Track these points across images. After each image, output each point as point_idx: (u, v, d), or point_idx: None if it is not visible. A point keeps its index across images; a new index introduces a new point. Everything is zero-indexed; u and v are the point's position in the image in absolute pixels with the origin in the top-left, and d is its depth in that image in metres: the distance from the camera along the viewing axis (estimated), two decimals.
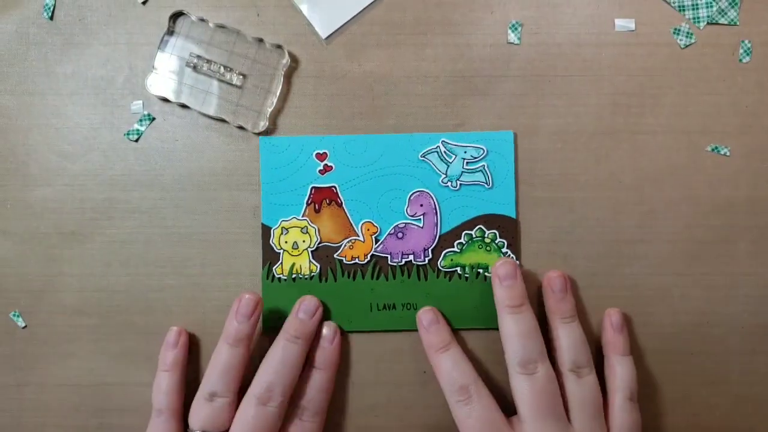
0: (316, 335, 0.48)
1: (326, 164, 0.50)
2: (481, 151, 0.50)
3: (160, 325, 0.50)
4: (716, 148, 0.50)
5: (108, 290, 0.50)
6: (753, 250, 0.50)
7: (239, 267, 0.50)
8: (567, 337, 0.46)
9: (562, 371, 0.46)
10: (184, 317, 0.50)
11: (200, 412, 0.45)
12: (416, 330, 0.49)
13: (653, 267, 0.50)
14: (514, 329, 0.45)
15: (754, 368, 0.50)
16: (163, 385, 0.47)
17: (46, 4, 0.51)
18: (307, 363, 0.48)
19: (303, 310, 0.48)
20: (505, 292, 0.46)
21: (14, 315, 0.50)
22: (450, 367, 0.46)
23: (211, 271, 0.50)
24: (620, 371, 0.47)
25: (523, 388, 0.44)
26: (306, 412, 0.47)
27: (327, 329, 0.49)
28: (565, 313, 0.47)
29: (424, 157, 0.50)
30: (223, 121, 0.50)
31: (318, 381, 0.47)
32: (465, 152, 0.50)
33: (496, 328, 0.47)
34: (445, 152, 0.49)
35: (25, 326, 0.50)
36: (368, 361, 0.50)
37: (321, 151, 0.50)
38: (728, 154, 0.50)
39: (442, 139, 0.50)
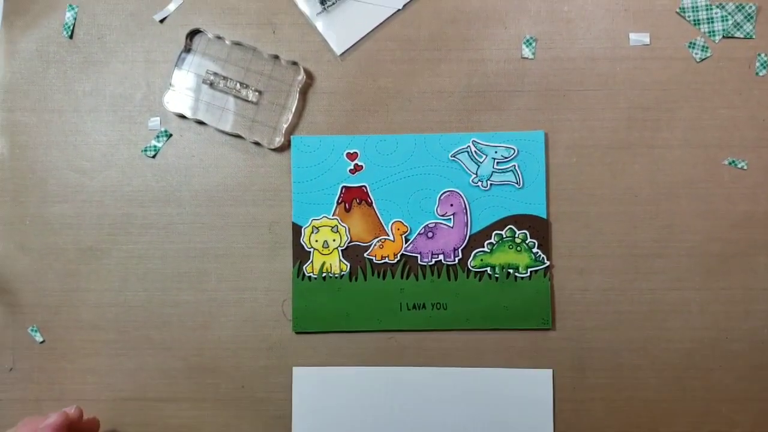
0: None
1: (357, 164, 0.50)
2: (512, 151, 0.50)
3: (176, 340, 0.50)
4: (733, 161, 0.50)
5: (125, 305, 0.51)
6: None
7: (255, 282, 0.50)
8: None
9: None
10: (200, 332, 0.50)
11: None
12: (445, 330, 0.49)
13: (671, 282, 0.50)
14: None
15: None
16: None
17: (66, 23, 0.52)
18: None
19: None
20: None
21: (32, 330, 0.51)
22: None
23: (227, 286, 0.50)
24: None
25: None
26: None
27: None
28: None
29: (454, 156, 0.50)
30: (239, 137, 0.51)
31: None
32: (495, 152, 0.50)
33: (526, 329, 0.49)
34: (475, 152, 0.49)
35: (43, 341, 0.51)
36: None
37: (352, 151, 0.50)
38: (746, 167, 0.50)
39: (473, 139, 0.50)
